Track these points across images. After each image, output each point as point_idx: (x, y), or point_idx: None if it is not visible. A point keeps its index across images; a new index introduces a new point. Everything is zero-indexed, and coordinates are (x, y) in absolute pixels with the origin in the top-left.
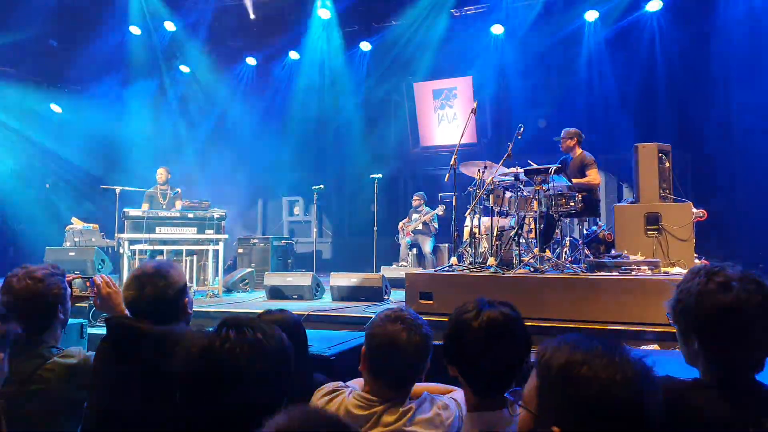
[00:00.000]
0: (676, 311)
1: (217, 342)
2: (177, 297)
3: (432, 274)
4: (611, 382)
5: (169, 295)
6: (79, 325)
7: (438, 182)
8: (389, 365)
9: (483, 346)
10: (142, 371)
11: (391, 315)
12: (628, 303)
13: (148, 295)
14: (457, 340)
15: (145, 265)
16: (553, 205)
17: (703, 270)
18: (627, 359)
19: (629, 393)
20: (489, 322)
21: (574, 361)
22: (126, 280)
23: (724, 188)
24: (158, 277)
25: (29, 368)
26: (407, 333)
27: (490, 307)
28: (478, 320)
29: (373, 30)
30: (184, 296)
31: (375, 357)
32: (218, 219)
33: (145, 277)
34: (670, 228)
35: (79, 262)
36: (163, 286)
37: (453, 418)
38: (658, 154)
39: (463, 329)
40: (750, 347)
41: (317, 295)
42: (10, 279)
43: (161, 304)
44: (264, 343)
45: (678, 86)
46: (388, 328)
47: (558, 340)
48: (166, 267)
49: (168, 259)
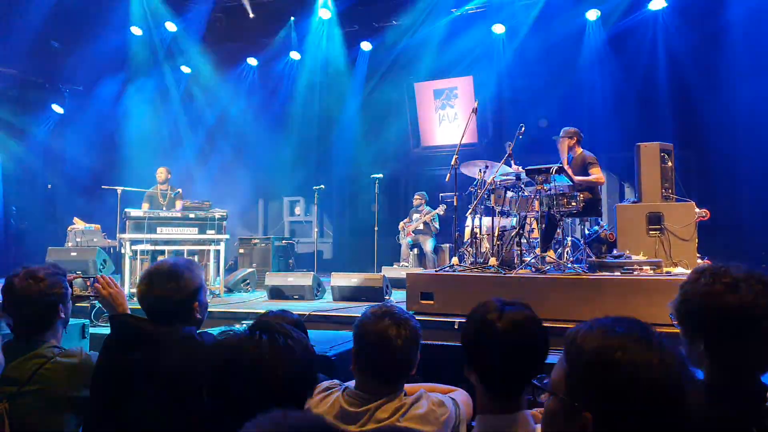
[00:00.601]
0: (680, 312)
1: (250, 346)
2: (186, 300)
3: (433, 275)
4: (648, 365)
5: (177, 298)
6: (80, 325)
7: (439, 182)
8: (379, 361)
9: (508, 346)
10: (144, 370)
11: (378, 311)
12: (630, 303)
13: (156, 294)
14: (479, 341)
15: (163, 263)
16: (554, 204)
17: (708, 270)
18: (662, 342)
19: (666, 376)
20: (513, 323)
21: (609, 346)
22: (141, 274)
23: (727, 188)
24: (170, 277)
25: (31, 367)
26: (396, 328)
27: (512, 307)
28: (502, 321)
29: (373, 30)
30: (195, 300)
31: (365, 354)
32: (219, 219)
33: (157, 275)
34: (673, 228)
35: (80, 262)
36: (172, 287)
37: (448, 415)
38: (660, 154)
39: (487, 330)
40: (756, 348)
41: (318, 295)
42: (11, 279)
43: (168, 304)
44: (294, 348)
45: (680, 85)
46: (376, 324)
47: (589, 325)
48: (181, 268)
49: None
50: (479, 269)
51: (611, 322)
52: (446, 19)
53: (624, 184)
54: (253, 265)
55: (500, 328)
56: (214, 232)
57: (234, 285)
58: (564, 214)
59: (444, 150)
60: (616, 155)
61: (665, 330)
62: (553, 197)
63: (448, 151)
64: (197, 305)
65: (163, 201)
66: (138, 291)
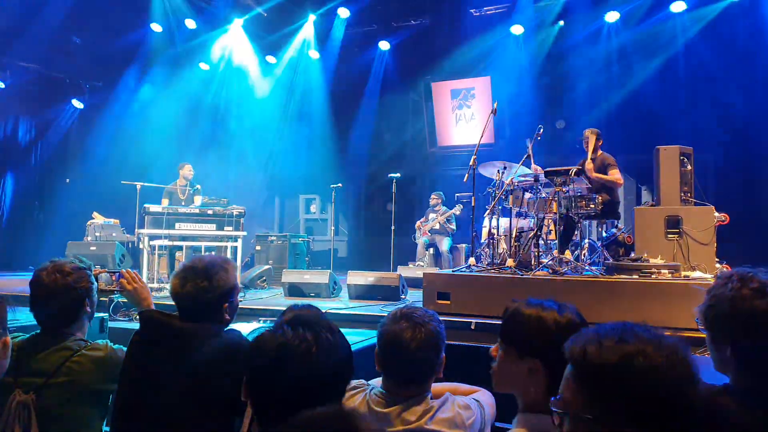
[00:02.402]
0: (708, 317)
1: (295, 341)
2: (216, 300)
3: (450, 275)
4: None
5: (208, 297)
6: (99, 320)
7: (455, 182)
8: (396, 363)
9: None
10: (172, 366)
11: (397, 313)
12: (647, 307)
13: (188, 291)
14: (541, 337)
15: (200, 259)
16: (572, 206)
17: (736, 275)
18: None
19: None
20: (568, 322)
21: (627, 355)
22: (177, 267)
23: (747, 192)
24: (204, 276)
25: (57, 360)
26: (411, 331)
27: (561, 307)
28: (562, 317)
29: (392, 29)
30: (225, 301)
31: (383, 355)
32: (237, 216)
33: (192, 271)
34: (691, 231)
35: (100, 256)
36: (204, 286)
37: (474, 418)
38: (679, 157)
39: (546, 326)
40: None
41: (334, 293)
42: (39, 273)
43: (198, 303)
44: (336, 342)
45: (701, 88)
46: (393, 327)
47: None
48: (216, 267)
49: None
50: (496, 270)
51: (616, 330)
52: (465, 19)
53: (641, 187)
54: (270, 262)
55: (563, 323)
56: (232, 228)
57: (250, 282)
58: (582, 216)
59: (460, 150)
60: (634, 158)
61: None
62: (571, 199)
63: (465, 151)
64: (227, 306)
65: (183, 197)
66: (172, 285)
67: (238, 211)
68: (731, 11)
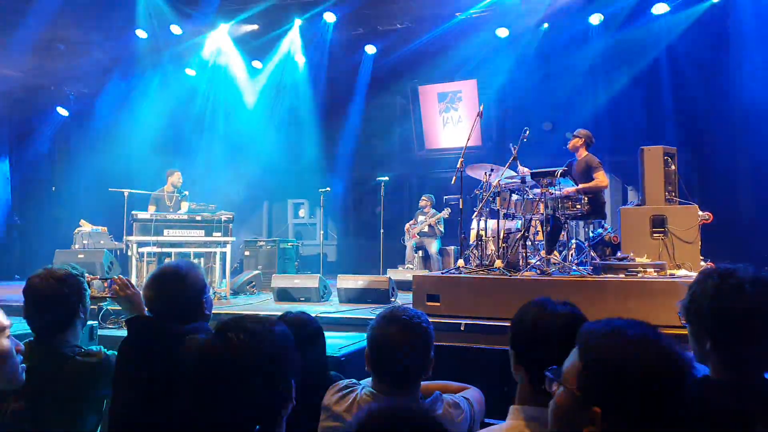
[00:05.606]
0: (689, 311)
1: (214, 343)
2: (195, 298)
3: (439, 277)
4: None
5: (187, 296)
6: (89, 327)
7: (443, 185)
8: (386, 364)
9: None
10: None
11: (387, 315)
12: (634, 305)
13: (166, 296)
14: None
15: (167, 267)
16: (559, 207)
17: (716, 272)
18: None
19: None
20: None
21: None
22: (146, 280)
23: (731, 191)
24: (176, 278)
25: (51, 367)
26: (400, 332)
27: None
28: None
29: (378, 33)
30: (202, 297)
31: (373, 356)
32: (226, 221)
33: (163, 277)
34: (676, 230)
35: (88, 264)
36: (180, 287)
37: (463, 416)
38: (663, 157)
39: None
40: (762, 347)
41: (324, 297)
42: (32, 279)
43: (179, 304)
44: (257, 343)
45: (684, 88)
46: (382, 327)
47: (602, 326)
48: (185, 268)
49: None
50: (485, 271)
51: (624, 325)
52: (451, 23)
53: (627, 187)
54: (259, 267)
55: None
56: (221, 234)
57: (240, 287)
58: (569, 216)
59: (448, 153)
60: (620, 158)
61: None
62: (557, 200)
63: (452, 154)
64: (204, 302)
65: (170, 203)
66: (146, 296)
67: (226, 217)
68: (714, 11)
